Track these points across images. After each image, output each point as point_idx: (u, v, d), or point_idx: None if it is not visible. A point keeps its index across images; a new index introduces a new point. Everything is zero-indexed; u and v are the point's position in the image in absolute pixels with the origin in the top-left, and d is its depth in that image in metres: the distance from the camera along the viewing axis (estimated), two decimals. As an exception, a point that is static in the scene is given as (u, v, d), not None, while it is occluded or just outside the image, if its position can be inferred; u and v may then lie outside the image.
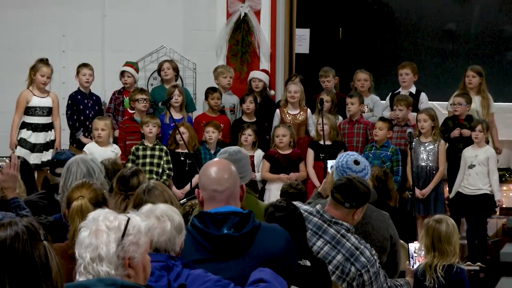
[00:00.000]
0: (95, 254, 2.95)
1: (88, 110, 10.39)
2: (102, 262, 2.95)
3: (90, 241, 2.96)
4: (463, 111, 9.90)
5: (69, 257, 4.03)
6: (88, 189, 4.51)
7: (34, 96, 9.98)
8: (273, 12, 11.36)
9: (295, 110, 10.37)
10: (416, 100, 10.36)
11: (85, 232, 2.98)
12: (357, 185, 4.88)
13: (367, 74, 10.65)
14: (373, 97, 10.65)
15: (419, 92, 10.47)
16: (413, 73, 10.46)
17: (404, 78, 10.45)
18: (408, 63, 10.58)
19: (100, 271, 2.94)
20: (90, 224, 3.00)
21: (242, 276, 3.68)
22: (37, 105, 10.00)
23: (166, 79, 10.73)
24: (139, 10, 11.67)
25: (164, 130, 10.21)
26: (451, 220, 5.96)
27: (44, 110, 10.03)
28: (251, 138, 9.93)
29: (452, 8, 12.84)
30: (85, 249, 2.96)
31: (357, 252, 4.85)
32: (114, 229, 2.99)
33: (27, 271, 2.62)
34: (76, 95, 10.38)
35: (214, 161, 4.10)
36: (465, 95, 9.97)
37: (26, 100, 9.96)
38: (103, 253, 2.95)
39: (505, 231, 10.31)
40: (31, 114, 10.01)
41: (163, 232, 3.58)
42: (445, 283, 5.75)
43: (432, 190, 9.66)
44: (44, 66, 9.98)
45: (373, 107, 10.58)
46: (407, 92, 10.43)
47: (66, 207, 4.56)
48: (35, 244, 2.66)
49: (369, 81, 10.61)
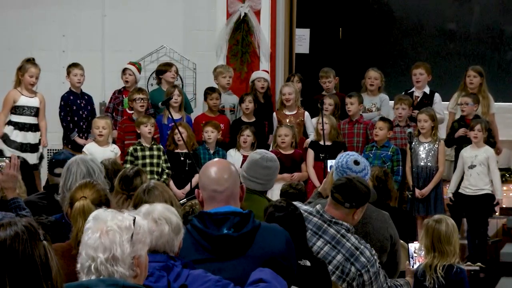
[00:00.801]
0: (108, 255, 2.93)
1: (81, 110, 10.36)
2: (117, 263, 2.94)
3: (102, 242, 2.94)
4: (470, 110, 9.88)
5: (71, 258, 4.04)
6: (91, 190, 4.49)
7: (22, 96, 9.95)
8: (273, 12, 11.36)
9: (292, 111, 10.37)
10: (430, 100, 10.34)
11: (96, 233, 2.95)
12: (357, 185, 4.88)
13: (378, 73, 10.62)
14: (382, 96, 10.61)
15: (433, 93, 10.44)
16: (427, 73, 10.45)
17: (418, 78, 10.43)
18: (422, 63, 10.56)
19: (115, 272, 2.93)
20: (99, 224, 2.98)
21: (242, 276, 3.68)
22: (25, 105, 9.95)
23: (171, 82, 10.69)
24: (139, 10, 11.67)
25: (163, 130, 10.21)
26: (451, 220, 5.96)
27: (32, 110, 9.99)
28: (250, 139, 9.92)
29: (452, 8, 12.83)
30: (95, 250, 2.93)
31: (357, 252, 4.84)
32: (126, 229, 2.98)
33: (27, 271, 2.62)
34: (68, 96, 10.33)
35: (214, 161, 4.10)
36: (473, 95, 9.96)
37: (13, 99, 9.91)
38: (118, 254, 2.93)
39: (505, 231, 10.30)
40: (19, 113, 9.96)
41: (161, 235, 3.57)
42: (445, 283, 5.75)
43: (432, 190, 9.66)
44: (32, 67, 9.94)
45: (381, 106, 10.56)
46: (421, 92, 10.42)
47: (69, 206, 4.55)
48: (35, 244, 2.66)
49: (379, 80, 10.59)
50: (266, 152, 5.79)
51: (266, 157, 5.67)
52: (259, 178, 5.62)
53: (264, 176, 5.67)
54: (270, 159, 5.67)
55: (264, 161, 5.62)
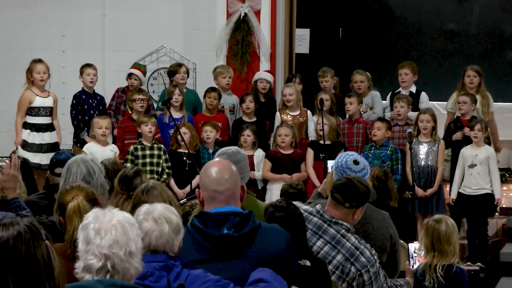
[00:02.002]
0: (125, 251, 2.97)
1: (93, 110, 10.39)
2: (133, 258, 2.99)
3: (120, 239, 2.97)
4: (468, 110, 9.88)
5: (68, 258, 4.04)
6: (79, 189, 4.48)
7: (37, 97, 9.96)
8: (273, 12, 11.36)
9: (295, 111, 10.37)
10: (416, 99, 10.36)
11: (112, 230, 2.98)
12: (356, 185, 4.88)
13: (364, 75, 10.63)
14: (372, 93, 10.61)
15: (419, 92, 10.47)
16: (413, 72, 10.46)
17: (403, 78, 10.45)
18: (407, 63, 10.58)
19: (130, 268, 2.98)
20: (105, 223, 3.00)
21: (242, 276, 3.68)
22: (40, 105, 9.96)
23: (181, 83, 10.65)
24: (139, 10, 11.67)
25: (164, 130, 10.22)
26: (451, 220, 5.96)
27: (47, 110, 10.01)
28: (250, 138, 9.93)
29: (452, 8, 12.84)
30: (109, 247, 2.96)
31: (357, 252, 4.85)
32: (134, 224, 3.05)
33: (30, 271, 2.61)
34: (80, 95, 10.38)
35: (215, 161, 4.10)
36: (470, 94, 9.96)
37: (29, 101, 9.92)
38: (133, 249, 2.99)
39: (505, 231, 10.30)
40: (35, 114, 9.96)
41: (161, 235, 3.57)
42: (445, 283, 5.75)
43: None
44: (37, 64, 9.95)
45: (373, 104, 10.56)
46: (407, 92, 10.43)
47: (59, 213, 4.47)
48: (37, 244, 2.66)
49: (365, 82, 10.59)
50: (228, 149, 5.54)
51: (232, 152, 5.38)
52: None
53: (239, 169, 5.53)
54: (236, 152, 5.43)
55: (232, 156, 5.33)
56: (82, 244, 3.00)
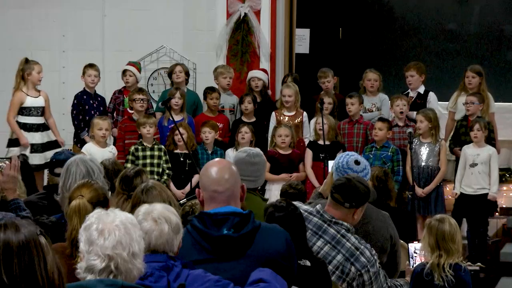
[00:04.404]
0: (129, 251, 2.97)
1: (93, 110, 10.40)
2: (136, 258, 2.99)
3: (123, 240, 2.97)
4: (476, 110, 9.86)
5: (67, 257, 4.04)
6: (89, 189, 4.48)
7: (28, 97, 9.97)
8: (273, 12, 11.36)
9: (291, 112, 10.37)
10: (423, 99, 10.34)
11: (116, 231, 2.98)
12: (356, 184, 4.88)
13: (377, 74, 10.61)
14: (381, 96, 10.61)
15: (427, 92, 10.45)
16: (419, 73, 10.42)
17: (409, 80, 10.44)
18: (413, 64, 10.54)
19: (133, 268, 2.98)
20: (108, 224, 3.00)
21: (242, 277, 3.68)
22: (31, 105, 9.98)
23: (177, 82, 10.67)
24: (139, 10, 11.67)
25: (163, 132, 10.21)
26: (453, 220, 5.94)
27: (39, 110, 10.01)
28: (248, 136, 9.91)
29: (452, 8, 12.83)
30: (113, 248, 2.95)
31: (357, 252, 4.84)
32: (136, 225, 3.05)
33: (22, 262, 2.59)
34: (82, 95, 10.39)
35: (215, 161, 4.10)
36: (478, 94, 9.95)
37: (21, 101, 9.94)
38: (136, 250, 2.99)
39: (505, 231, 10.30)
40: (26, 114, 9.98)
41: (160, 235, 3.57)
42: (455, 281, 5.72)
43: (432, 190, 9.65)
44: (36, 64, 9.98)
45: (381, 106, 10.56)
46: (415, 92, 10.42)
47: (68, 206, 4.53)
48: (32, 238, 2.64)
49: (378, 81, 10.59)
50: (250, 149, 5.73)
51: (252, 153, 5.58)
52: (248, 175, 5.57)
53: (253, 172, 5.65)
54: (256, 154, 5.59)
55: (251, 157, 5.55)
56: (84, 245, 2.99)
